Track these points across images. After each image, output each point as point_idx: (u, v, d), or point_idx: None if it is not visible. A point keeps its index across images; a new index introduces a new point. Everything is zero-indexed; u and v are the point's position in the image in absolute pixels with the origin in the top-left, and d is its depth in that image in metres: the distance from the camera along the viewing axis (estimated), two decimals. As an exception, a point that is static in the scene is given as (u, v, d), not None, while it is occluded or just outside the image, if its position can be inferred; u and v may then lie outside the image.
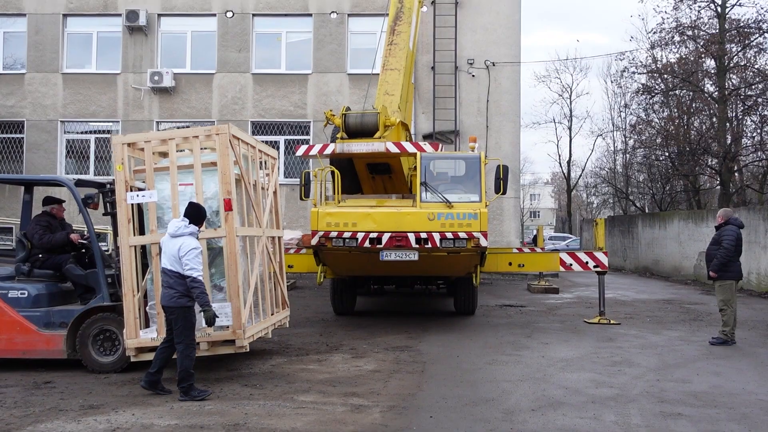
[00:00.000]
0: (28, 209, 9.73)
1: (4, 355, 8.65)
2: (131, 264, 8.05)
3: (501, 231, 21.88)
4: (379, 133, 12.10)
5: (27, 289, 8.75)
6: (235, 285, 7.87)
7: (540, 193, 79.96)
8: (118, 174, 8.13)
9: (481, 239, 10.84)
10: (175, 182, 8.07)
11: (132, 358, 8.09)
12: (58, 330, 8.61)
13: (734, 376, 8.47)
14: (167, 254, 7.34)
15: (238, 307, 7.86)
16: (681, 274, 23.97)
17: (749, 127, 28.89)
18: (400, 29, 15.06)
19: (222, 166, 7.99)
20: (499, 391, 7.59)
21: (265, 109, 22.35)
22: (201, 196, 8.00)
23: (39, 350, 8.58)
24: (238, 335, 7.92)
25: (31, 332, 8.54)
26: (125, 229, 8.07)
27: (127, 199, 8.09)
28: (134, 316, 7.98)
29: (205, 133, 8.21)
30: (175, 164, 8.12)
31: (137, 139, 8.46)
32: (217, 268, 8.08)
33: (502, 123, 22.32)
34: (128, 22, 21.95)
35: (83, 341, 8.46)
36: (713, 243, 10.90)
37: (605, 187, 45.82)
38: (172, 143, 8.19)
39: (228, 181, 7.95)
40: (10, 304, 8.60)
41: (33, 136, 22.48)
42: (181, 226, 7.36)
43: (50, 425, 6.26)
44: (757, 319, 13.46)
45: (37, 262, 9.04)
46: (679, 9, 27.34)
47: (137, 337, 7.98)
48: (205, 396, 7.21)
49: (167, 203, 8.19)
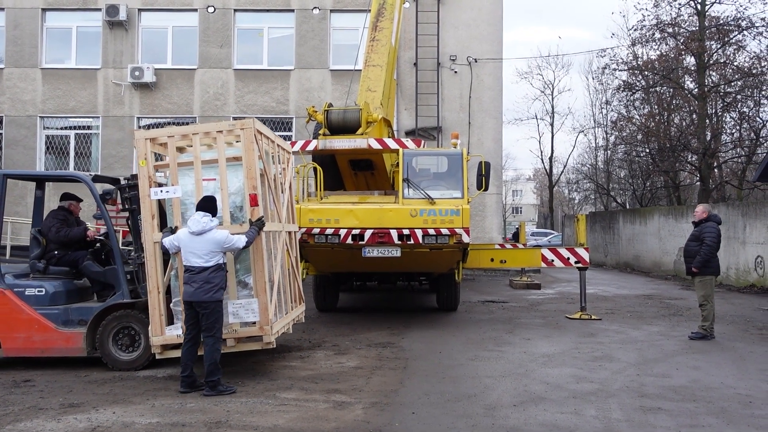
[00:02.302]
0: (39, 206, 9.60)
1: (22, 353, 8.57)
2: (156, 260, 7.94)
3: (483, 227, 21.97)
4: (361, 130, 12.09)
5: (44, 286, 8.64)
6: (262, 280, 7.82)
7: (522, 189, 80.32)
8: (141, 169, 8.01)
9: (463, 235, 10.88)
10: (200, 177, 7.96)
11: (157, 355, 8.00)
12: (76, 327, 8.52)
13: (713, 370, 8.57)
14: (196, 252, 7.28)
15: (265, 302, 7.81)
16: (661, 270, 24.19)
17: (728, 123, 29.19)
18: (383, 25, 15.05)
19: (247, 161, 7.91)
20: (481, 386, 7.62)
21: (247, 105, 22.23)
22: (225, 191, 7.93)
23: (58, 348, 8.49)
24: (265, 331, 7.87)
25: (49, 330, 8.44)
26: (149, 225, 7.96)
27: (150, 194, 7.99)
28: (159, 313, 7.89)
29: (229, 128, 8.14)
30: (200, 159, 8.01)
31: (160, 134, 8.34)
32: (242, 263, 8.00)
33: (485, 119, 22.39)
34: (108, 16, 21.75)
35: (103, 339, 8.39)
36: (692, 239, 11.00)
37: (587, 183, 46.13)
38: (196, 138, 8.06)
39: (253, 176, 7.89)
40: (28, 302, 8.50)
41: (11, 132, 22.22)
42: (206, 222, 7.33)
43: (30, 424, 6.20)
44: (736, 314, 13.61)
45: (53, 259, 8.93)
46: (660, 6, 27.54)
47: (163, 334, 7.91)
48: (232, 391, 7.22)
49: (189, 199, 8.09)
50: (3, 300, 8.47)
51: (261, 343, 8.00)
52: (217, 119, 21.36)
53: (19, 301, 8.48)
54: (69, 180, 11.40)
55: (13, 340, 8.45)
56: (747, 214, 18.96)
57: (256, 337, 7.99)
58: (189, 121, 22.03)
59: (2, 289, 8.52)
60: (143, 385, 7.66)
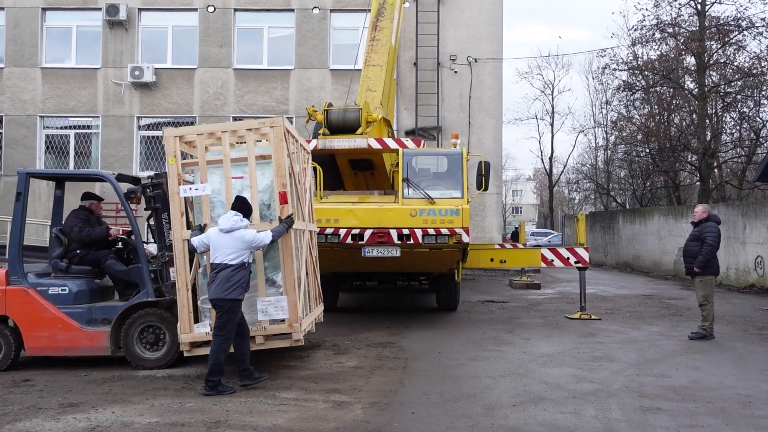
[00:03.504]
0: (59, 205, 9.59)
1: (46, 352, 8.57)
2: (184, 258, 7.94)
3: (483, 227, 21.96)
4: (361, 129, 12.09)
5: (67, 285, 8.62)
6: (291, 278, 7.83)
7: (522, 189, 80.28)
8: (170, 167, 8.03)
9: (463, 235, 10.87)
10: (229, 175, 7.98)
11: (185, 353, 8.00)
12: (100, 326, 8.51)
13: (713, 370, 8.56)
14: (223, 249, 7.30)
15: (294, 300, 7.82)
16: (661, 270, 24.18)
17: (728, 123, 29.19)
18: (383, 25, 15.05)
19: (277, 159, 7.92)
20: (480, 386, 7.62)
21: (246, 105, 22.23)
22: (255, 189, 7.94)
23: (82, 347, 8.48)
24: (294, 328, 7.88)
25: (73, 329, 8.43)
26: (178, 222, 7.97)
27: (180, 192, 7.99)
28: (188, 310, 7.89)
29: (259, 126, 8.14)
30: (229, 157, 8.03)
31: (189, 132, 8.36)
32: (270, 261, 8.01)
33: (485, 119, 22.39)
34: (108, 16, 21.75)
35: (128, 337, 8.39)
36: (692, 239, 10.99)
37: (587, 183, 46.11)
38: (225, 136, 8.08)
39: (283, 174, 7.90)
40: (51, 301, 8.48)
41: (11, 132, 22.22)
42: (236, 221, 7.35)
43: (29, 424, 6.20)
44: (736, 314, 13.61)
45: (75, 258, 8.92)
46: (660, 6, 27.54)
47: (191, 331, 7.91)
48: (232, 391, 7.23)
49: (217, 197, 8.11)
50: (26, 299, 8.45)
51: (290, 340, 8.03)
52: (216, 119, 21.38)
53: (42, 300, 8.46)
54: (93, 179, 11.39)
55: (37, 339, 8.43)
56: (747, 214, 18.96)
57: (285, 335, 8.01)
58: (189, 121, 22.04)
59: (25, 287, 8.50)
60: (142, 385, 7.65)
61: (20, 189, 8.70)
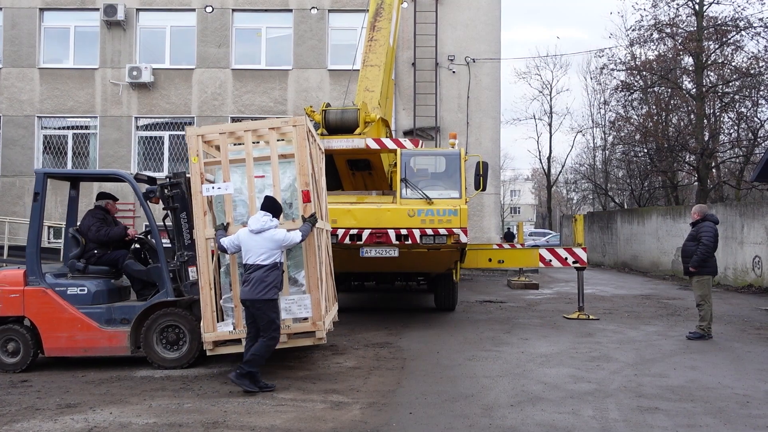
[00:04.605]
0: (74, 205, 9.58)
1: (64, 353, 8.56)
2: (207, 257, 7.95)
3: (481, 227, 21.96)
4: (359, 130, 12.09)
5: (86, 285, 8.61)
6: (315, 276, 7.85)
7: (520, 189, 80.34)
8: (193, 166, 8.04)
9: (461, 235, 10.88)
10: (251, 174, 8.00)
11: (208, 352, 8.00)
12: (119, 326, 8.50)
13: (710, 370, 8.57)
14: (254, 250, 7.30)
15: (317, 298, 7.85)
16: (659, 270, 24.19)
17: (726, 123, 29.25)
18: (380, 25, 15.05)
19: (300, 158, 7.94)
20: (478, 386, 7.62)
21: (245, 105, 22.23)
22: (278, 187, 7.95)
23: (101, 347, 8.47)
24: (318, 327, 7.90)
25: (93, 329, 8.42)
26: (201, 221, 7.98)
27: (203, 191, 8.00)
28: (212, 309, 7.89)
29: (281, 125, 8.15)
30: (252, 156, 8.05)
31: (211, 131, 8.39)
32: (292, 260, 8.03)
33: (483, 119, 22.39)
34: (106, 16, 21.73)
35: (148, 337, 8.38)
36: (690, 239, 11.01)
37: (585, 184, 46.15)
38: (248, 135, 8.10)
39: (306, 173, 7.92)
40: (70, 301, 8.47)
41: (9, 132, 22.19)
42: (266, 221, 7.36)
43: (26, 424, 6.19)
44: (734, 314, 13.62)
45: (93, 258, 8.90)
46: (658, 6, 27.58)
47: (215, 330, 7.91)
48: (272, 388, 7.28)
49: (239, 196, 8.15)
50: (45, 299, 8.43)
51: (313, 338, 8.05)
52: (215, 119, 21.39)
53: (61, 301, 8.44)
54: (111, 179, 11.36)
55: (56, 340, 8.42)
56: (745, 215, 18.98)
57: (308, 333, 8.02)
58: (187, 121, 22.04)
59: (44, 288, 8.48)
60: (140, 386, 7.65)
61: (38, 189, 8.69)
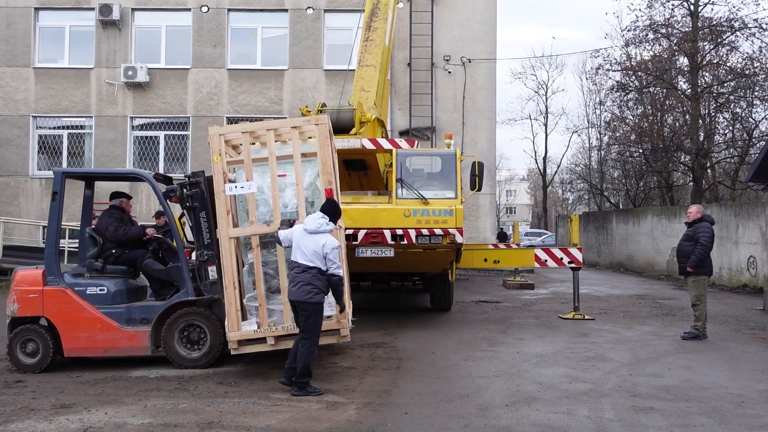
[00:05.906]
0: (89, 205, 9.52)
1: (84, 353, 8.52)
2: (232, 256, 7.94)
3: (477, 227, 21.98)
4: (354, 130, 12.09)
5: (105, 285, 8.56)
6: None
7: (516, 190, 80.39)
8: (215, 165, 8.05)
9: (456, 236, 10.89)
10: (275, 173, 8.01)
11: (233, 351, 7.98)
12: (139, 326, 8.46)
13: (705, 370, 8.59)
14: (303, 249, 7.28)
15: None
16: (654, 270, 24.24)
17: (721, 124, 29.31)
18: (376, 25, 15.05)
19: (323, 156, 7.97)
20: (473, 386, 7.63)
21: (240, 105, 22.21)
22: (300, 186, 7.98)
23: (122, 347, 8.42)
24: (342, 324, 7.95)
25: (113, 329, 8.37)
26: (224, 221, 7.97)
27: (225, 190, 8.00)
28: (236, 308, 7.88)
29: (303, 124, 8.14)
30: (275, 155, 8.06)
31: (232, 131, 8.39)
32: None
33: (478, 119, 22.41)
34: (101, 16, 21.69)
35: (169, 337, 8.35)
36: (686, 239, 11.02)
37: (580, 184, 46.22)
38: (270, 134, 8.12)
39: (329, 171, 7.97)
40: (89, 301, 8.42)
41: (4, 132, 22.11)
42: (322, 224, 7.33)
43: (21, 425, 6.18)
44: (728, 314, 13.65)
45: (111, 258, 8.84)
46: (653, 7, 27.62)
47: (239, 329, 7.90)
48: (320, 392, 7.21)
49: (261, 195, 8.15)
50: (64, 299, 8.39)
51: (337, 336, 8.09)
52: (210, 119, 21.36)
53: (81, 300, 8.40)
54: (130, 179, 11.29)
55: (76, 340, 8.38)
56: (740, 215, 19.02)
57: (332, 331, 8.03)
58: (183, 121, 22.02)
59: (63, 288, 8.43)
60: (135, 386, 7.64)
61: (56, 188, 8.64)
